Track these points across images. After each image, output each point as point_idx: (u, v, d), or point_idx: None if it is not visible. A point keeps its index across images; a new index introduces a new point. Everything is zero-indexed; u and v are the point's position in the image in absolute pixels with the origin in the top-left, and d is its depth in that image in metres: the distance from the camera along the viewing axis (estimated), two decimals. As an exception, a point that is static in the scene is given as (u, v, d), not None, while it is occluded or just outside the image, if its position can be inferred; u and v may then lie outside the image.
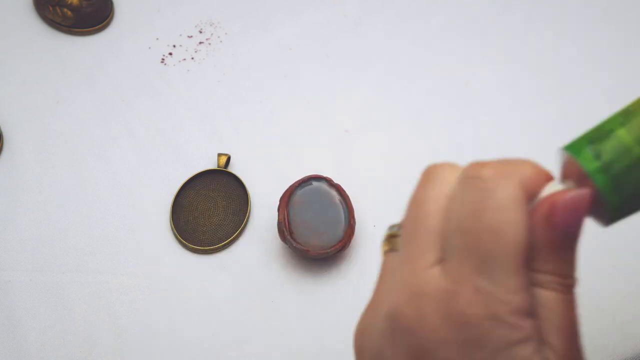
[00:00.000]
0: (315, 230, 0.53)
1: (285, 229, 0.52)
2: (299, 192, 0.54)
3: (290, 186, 0.54)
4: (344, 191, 0.55)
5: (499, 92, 0.63)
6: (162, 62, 0.65)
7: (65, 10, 0.65)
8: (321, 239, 0.53)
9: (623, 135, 0.31)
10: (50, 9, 0.65)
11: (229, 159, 0.59)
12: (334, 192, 0.54)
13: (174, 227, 0.57)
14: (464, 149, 0.60)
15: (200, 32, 0.67)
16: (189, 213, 0.58)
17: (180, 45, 0.66)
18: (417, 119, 0.62)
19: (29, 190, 0.59)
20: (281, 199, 0.54)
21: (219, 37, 0.67)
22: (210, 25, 0.67)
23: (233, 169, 0.60)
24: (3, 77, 0.64)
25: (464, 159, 0.32)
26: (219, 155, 0.60)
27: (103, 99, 0.63)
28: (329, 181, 0.55)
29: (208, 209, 0.58)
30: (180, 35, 0.67)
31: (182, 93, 0.64)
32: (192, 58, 0.66)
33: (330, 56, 0.65)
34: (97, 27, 0.67)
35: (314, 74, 0.65)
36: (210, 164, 0.60)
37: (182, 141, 0.61)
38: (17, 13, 0.68)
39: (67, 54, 0.66)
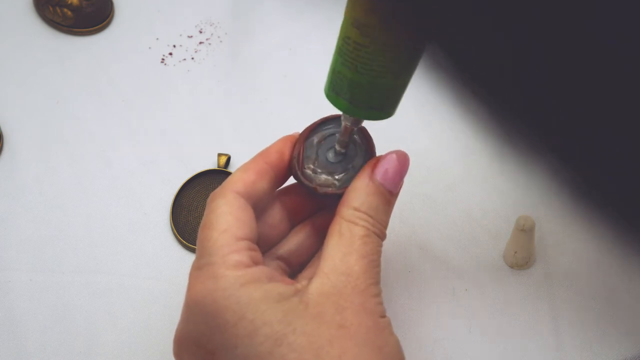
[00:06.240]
0: (331, 170, 0.47)
1: (298, 164, 0.47)
2: (321, 130, 0.48)
3: (313, 123, 0.49)
4: (369, 135, 0.48)
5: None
6: (162, 62, 0.65)
7: (65, 10, 0.65)
8: (336, 179, 0.47)
9: (345, 72, 0.42)
10: (50, 9, 0.65)
11: (229, 159, 0.59)
12: (356, 135, 0.48)
13: (174, 227, 0.57)
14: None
15: (200, 32, 0.67)
16: (189, 213, 0.58)
17: (180, 45, 0.66)
18: (419, 116, 0.62)
19: (29, 190, 0.59)
20: (301, 134, 0.48)
21: (219, 37, 0.67)
22: (210, 25, 0.67)
23: (233, 169, 0.60)
24: (3, 77, 0.64)
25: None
26: (219, 155, 0.60)
27: (103, 99, 0.63)
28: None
29: (208, 209, 0.58)
30: (180, 35, 0.67)
31: (182, 93, 0.64)
32: (192, 58, 0.66)
33: (330, 56, 0.65)
34: (97, 27, 0.67)
35: (314, 74, 0.65)
36: (210, 164, 0.60)
37: (182, 141, 0.61)
38: (17, 13, 0.68)
39: (67, 54, 0.66)
